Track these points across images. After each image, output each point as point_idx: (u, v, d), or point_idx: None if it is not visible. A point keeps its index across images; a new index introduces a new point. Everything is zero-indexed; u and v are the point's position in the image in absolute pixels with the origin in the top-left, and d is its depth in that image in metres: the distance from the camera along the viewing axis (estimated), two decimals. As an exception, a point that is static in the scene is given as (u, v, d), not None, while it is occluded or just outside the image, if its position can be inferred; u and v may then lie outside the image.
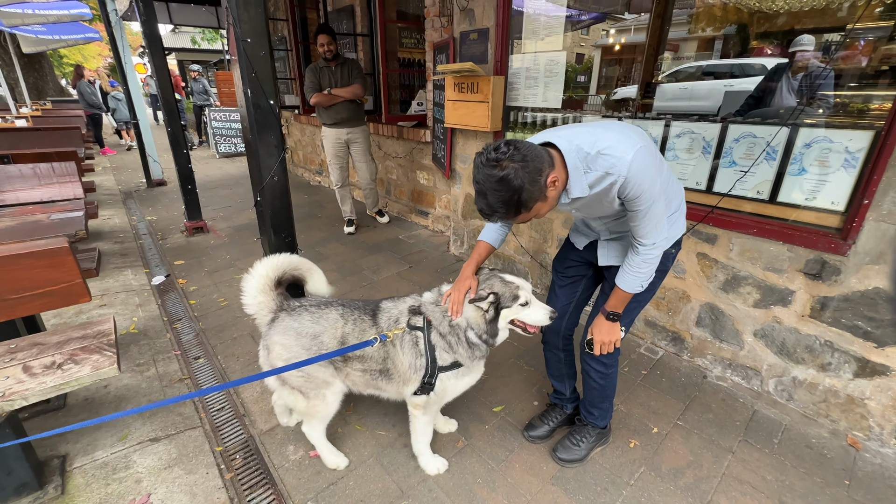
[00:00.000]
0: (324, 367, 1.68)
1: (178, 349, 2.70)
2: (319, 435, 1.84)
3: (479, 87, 3.14)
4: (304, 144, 7.31)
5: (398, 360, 1.63)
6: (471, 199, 3.77)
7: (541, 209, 1.30)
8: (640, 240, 1.39)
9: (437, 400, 1.70)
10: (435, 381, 1.62)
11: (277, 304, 1.73)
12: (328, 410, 1.77)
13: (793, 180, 2.03)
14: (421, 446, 1.83)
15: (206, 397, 2.28)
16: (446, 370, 1.62)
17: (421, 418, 1.75)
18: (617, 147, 1.24)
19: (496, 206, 1.22)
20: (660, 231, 1.38)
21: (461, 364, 1.63)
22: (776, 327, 2.17)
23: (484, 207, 1.25)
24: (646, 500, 1.74)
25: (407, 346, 1.61)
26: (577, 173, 1.29)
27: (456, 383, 1.68)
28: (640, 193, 1.27)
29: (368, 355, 1.65)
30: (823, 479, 1.83)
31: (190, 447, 1.96)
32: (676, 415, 2.18)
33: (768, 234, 2.09)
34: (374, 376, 1.68)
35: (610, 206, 1.38)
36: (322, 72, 4.15)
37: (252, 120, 1.81)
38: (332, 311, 1.69)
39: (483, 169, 1.20)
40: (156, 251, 4.25)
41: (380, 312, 1.69)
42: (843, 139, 1.86)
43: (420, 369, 1.61)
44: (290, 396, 1.74)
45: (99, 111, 9.41)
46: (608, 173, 1.26)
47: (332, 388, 1.73)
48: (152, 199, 6.09)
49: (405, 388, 1.68)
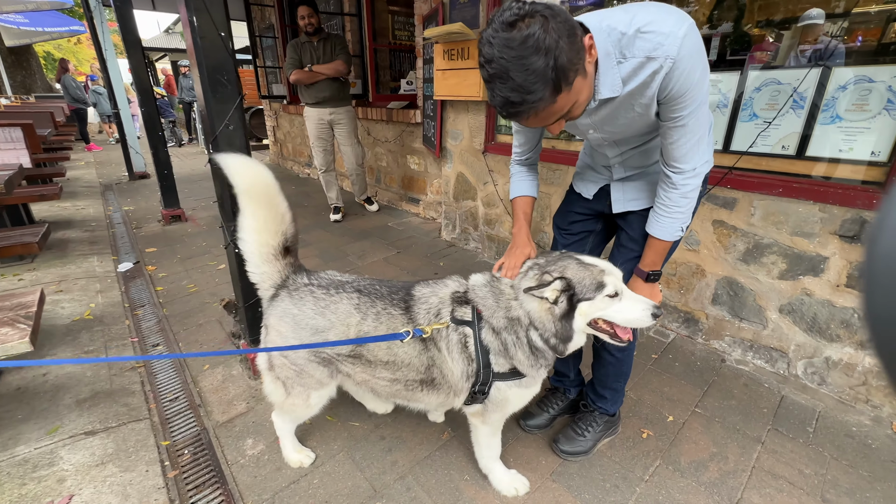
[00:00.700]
0: (321, 368, 1.35)
1: (136, 336, 2.43)
2: (288, 431, 1.58)
3: (471, 51, 2.90)
4: (293, 136, 7.06)
5: (448, 369, 1.26)
6: (463, 178, 3.52)
7: (580, 94, 0.96)
8: (678, 165, 1.11)
9: (496, 409, 1.33)
10: (489, 390, 1.27)
11: (283, 277, 1.36)
12: (306, 413, 1.49)
13: (825, 130, 1.78)
14: (488, 461, 1.49)
15: (158, 386, 2.00)
16: (504, 378, 1.25)
17: (482, 429, 1.41)
18: (663, 22, 0.95)
19: (527, 84, 0.86)
20: (701, 151, 1.10)
21: (522, 374, 1.25)
22: (806, 301, 1.91)
23: (509, 96, 0.89)
24: (664, 498, 1.47)
25: (455, 349, 1.24)
26: (609, 62, 1.00)
27: (520, 393, 1.31)
28: (688, 88, 0.98)
29: (404, 362, 1.26)
30: (871, 472, 1.56)
31: (131, 441, 1.69)
32: (694, 402, 1.91)
33: (796, 193, 1.83)
34: (409, 386, 1.31)
35: (641, 118, 1.10)
36: (303, 47, 3.89)
37: (200, 56, 1.55)
38: (344, 299, 1.30)
39: (498, 36, 0.86)
40: (128, 239, 3.98)
41: (414, 304, 1.29)
42: (886, 76, 1.61)
43: (472, 375, 1.26)
44: (271, 384, 1.44)
45: (84, 105, 9.16)
46: (650, 58, 0.96)
47: (321, 391, 1.42)
48: (133, 191, 5.84)
49: (456, 399, 1.34)
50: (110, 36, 6.06)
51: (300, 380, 1.38)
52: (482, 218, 3.46)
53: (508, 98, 0.90)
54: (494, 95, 0.92)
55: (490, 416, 1.36)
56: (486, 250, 3.50)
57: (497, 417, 1.37)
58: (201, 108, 1.71)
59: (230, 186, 1.31)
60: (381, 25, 5.46)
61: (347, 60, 3.94)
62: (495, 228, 3.37)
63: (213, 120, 1.64)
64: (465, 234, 3.68)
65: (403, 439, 1.70)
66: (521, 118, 0.95)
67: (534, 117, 0.95)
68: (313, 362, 1.35)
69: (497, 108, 0.96)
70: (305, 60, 3.88)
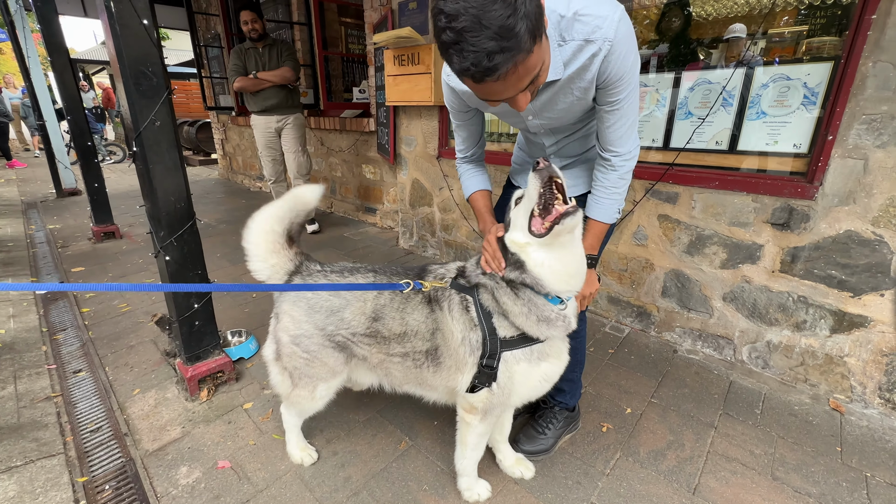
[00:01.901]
0: (335, 353, 1.34)
1: (54, 363, 2.16)
2: (293, 425, 1.55)
3: (421, 57, 2.90)
4: (242, 149, 6.78)
5: (448, 330, 1.22)
6: (419, 185, 3.49)
7: (546, 56, 0.91)
8: (614, 149, 1.13)
9: (501, 397, 1.23)
10: (497, 363, 1.18)
11: (295, 265, 1.37)
12: (311, 407, 1.45)
13: (752, 126, 1.89)
14: (467, 464, 1.38)
15: (78, 416, 1.78)
16: (512, 346, 1.17)
17: (476, 428, 1.29)
18: (599, 6, 0.95)
19: (508, 26, 0.76)
20: (634, 135, 1.13)
21: (531, 337, 1.16)
22: (746, 288, 2.00)
23: (486, 46, 0.77)
24: (625, 490, 1.45)
25: (457, 311, 1.21)
26: (552, 44, 0.98)
27: (530, 370, 1.19)
28: (623, 72, 1.00)
29: (412, 329, 1.25)
30: (814, 447, 1.62)
31: (39, 481, 1.47)
32: (649, 393, 1.93)
33: (731, 185, 1.93)
34: (417, 362, 1.28)
35: (580, 102, 1.10)
36: (248, 53, 3.73)
37: (119, 45, 1.42)
38: (360, 278, 1.33)
39: None
40: (51, 259, 3.61)
41: (424, 275, 1.31)
42: (801, 74, 1.74)
43: (477, 348, 1.19)
44: (278, 376, 1.42)
45: (4, 119, 8.39)
46: (588, 41, 0.96)
47: (330, 383, 1.40)
48: (61, 209, 5.34)
49: (459, 376, 1.24)
50: (34, 43, 5.61)
51: (309, 370, 1.36)
52: (439, 224, 3.42)
53: (486, 49, 0.78)
54: (465, 55, 0.80)
55: (492, 409, 1.25)
56: (444, 256, 3.46)
57: (497, 412, 1.27)
58: (123, 105, 1.57)
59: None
60: (332, 35, 5.40)
61: (295, 67, 3.80)
62: (452, 234, 3.34)
63: (136, 116, 1.51)
64: (422, 241, 3.63)
65: (357, 453, 1.60)
66: (497, 74, 0.82)
67: (512, 73, 0.83)
68: (328, 347, 1.33)
69: (469, 71, 0.83)
70: (250, 67, 3.72)
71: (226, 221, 4.72)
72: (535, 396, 1.28)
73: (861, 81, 1.57)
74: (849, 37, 1.58)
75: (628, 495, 1.43)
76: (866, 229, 1.66)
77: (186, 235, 1.75)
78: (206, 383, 1.91)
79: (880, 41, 1.52)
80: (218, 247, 3.86)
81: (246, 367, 2.11)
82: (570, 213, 0.98)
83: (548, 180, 1.01)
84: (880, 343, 1.71)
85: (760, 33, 1.86)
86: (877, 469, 1.53)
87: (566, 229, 1.00)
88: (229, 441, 1.65)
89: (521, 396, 1.25)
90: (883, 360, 1.72)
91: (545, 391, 1.27)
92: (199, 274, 1.84)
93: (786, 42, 1.81)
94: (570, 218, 0.98)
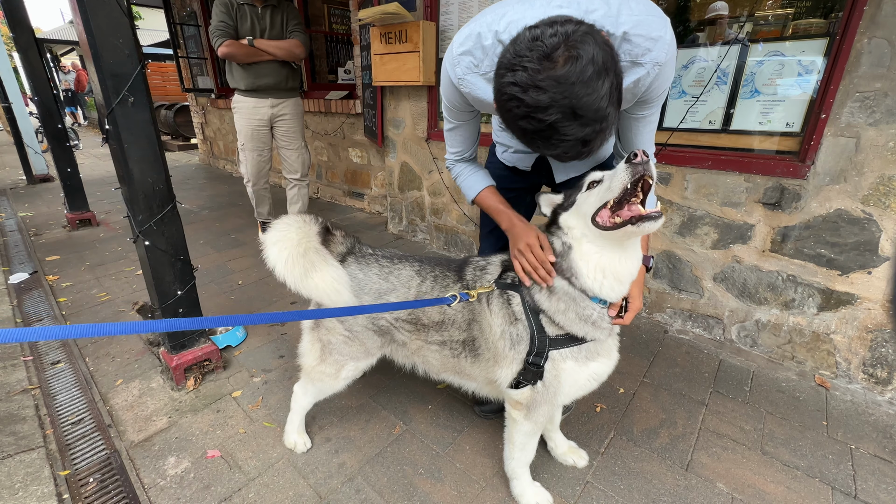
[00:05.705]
0: (374, 337, 1.35)
1: (31, 354, 2.08)
2: (301, 408, 1.51)
3: (409, 34, 2.80)
4: (224, 133, 6.56)
5: (486, 323, 1.18)
6: (408, 168, 3.41)
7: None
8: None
9: (547, 395, 1.17)
10: (544, 362, 1.12)
11: (347, 247, 1.39)
12: (332, 386, 1.43)
13: (746, 105, 1.88)
14: (517, 465, 1.31)
15: (58, 408, 1.71)
16: (560, 345, 1.11)
17: (522, 425, 1.22)
18: (650, 25, 0.88)
19: (601, 111, 0.73)
20: (654, 136, 1.12)
21: (578, 337, 1.10)
22: (736, 268, 2.01)
23: (583, 134, 0.75)
24: (620, 468, 1.46)
25: (496, 304, 1.17)
26: None
27: (577, 369, 1.13)
28: (664, 90, 0.96)
29: (449, 318, 1.24)
30: (801, 422, 1.66)
31: (19, 476, 1.41)
32: (642, 373, 1.94)
33: (724, 165, 1.92)
34: (455, 351, 1.26)
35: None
36: (241, 11, 2.76)
37: (86, 15, 1.32)
38: (406, 266, 1.33)
39: (546, 76, 0.72)
40: (23, 248, 3.46)
41: (466, 267, 1.27)
42: (797, 51, 1.72)
43: (519, 342, 1.13)
44: (308, 344, 1.41)
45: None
46: (636, 63, 0.89)
47: (358, 364, 1.40)
48: (32, 196, 5.12)
49: (497, 369, 1.19)
50: (-5, 19, 5.29)
51: (344, 347, 1.36)
52: (429, 208, 3.37)
53: (582, 137, 0.76)
54: (559, 141, 0.77)
55: (537, 406, 1.19)
56: (434, 241, 3.42)
57: (544, 409, 1.20)
58: (94, 81, 1.47)
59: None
60: (314, 13, 5.22)
61: (305, 41, 2.97)
62: (442, 218, 3.30)
63: (107, 92, 1.41)
64: (412, 225, 3.58)
65: (351, 439, 1.57)
66: (590, 154, 0.81)
67: (599, 146, 0.81)
68: (370, 330, 1.34)
69: (556, 156, 0.83)
70: (244, 31, 2.80)
71: (208, 208, 4.58)
72: (582, 395, 1.22)
73: (856, 58, 1.56)
74: (845, 12, 1.56)
75: (623, 473, 1.44)
76: (856, 208, 1.67)
77: (167, 219, 1.67)
78: (193, 372, 1.86)
79: (876, 16, 1.50)
80: (201, 233, 3.74)
81: (234, 355, 2.05)
82: (652, 218, 0.89)
83: (639, 178, 0.89)
84: (866, 320, 1.74)
85: (746, 16, 1.82)
86: (861, 441, 1.57)
87: (639, 232, 0.92)
88: (218, 430, 1.61)
89: (568, 395, 1.19)
90: (868, 336, 1.75)
91: (593, 389, 1.21)
92: (182, 260, 1.77)
93: (772, 25, 1.78)
94: (650, 223, 0.89)
